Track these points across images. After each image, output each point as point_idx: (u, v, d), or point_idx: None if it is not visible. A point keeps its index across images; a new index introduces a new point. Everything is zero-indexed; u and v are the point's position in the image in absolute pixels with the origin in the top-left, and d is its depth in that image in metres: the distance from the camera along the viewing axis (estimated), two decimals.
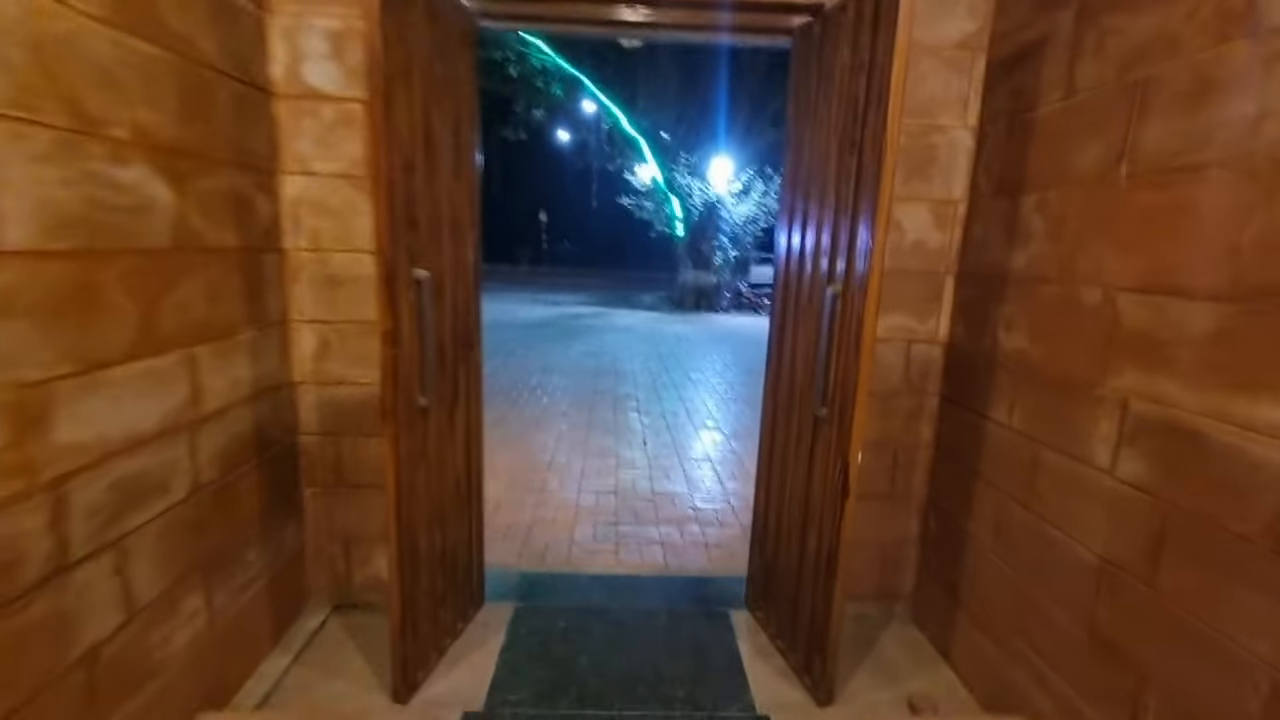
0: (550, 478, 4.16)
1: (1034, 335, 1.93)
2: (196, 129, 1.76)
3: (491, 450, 4.59)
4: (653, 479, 4.22)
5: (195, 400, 1.78)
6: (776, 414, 2.38)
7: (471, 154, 2.21)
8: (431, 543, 2.14)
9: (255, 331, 2.08)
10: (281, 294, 2.24)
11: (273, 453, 2.22)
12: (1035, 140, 1.97)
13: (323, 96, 2.17)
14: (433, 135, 1.95)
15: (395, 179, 1.76)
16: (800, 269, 2.20)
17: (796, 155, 2.22)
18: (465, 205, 2.19)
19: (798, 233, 2.21)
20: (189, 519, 1.78)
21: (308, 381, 2.35)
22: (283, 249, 2.23)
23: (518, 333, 11.27)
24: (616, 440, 5.09)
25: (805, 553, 2.18)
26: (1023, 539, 1.94)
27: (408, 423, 1.92)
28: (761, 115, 15.86)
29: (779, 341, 2.36)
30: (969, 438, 2.26)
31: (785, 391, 2.31)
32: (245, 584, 2.07)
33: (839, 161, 1.95)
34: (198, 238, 1.77)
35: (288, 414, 2.31)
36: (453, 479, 2.26)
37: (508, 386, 6.88)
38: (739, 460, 4.72)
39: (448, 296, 2.11)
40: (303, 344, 2.32)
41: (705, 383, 7.67)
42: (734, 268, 17.38)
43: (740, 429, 5.60)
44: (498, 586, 2.69)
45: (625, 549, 3.18)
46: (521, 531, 3.33)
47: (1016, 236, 2.03)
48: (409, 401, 1.92)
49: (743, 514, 3.67)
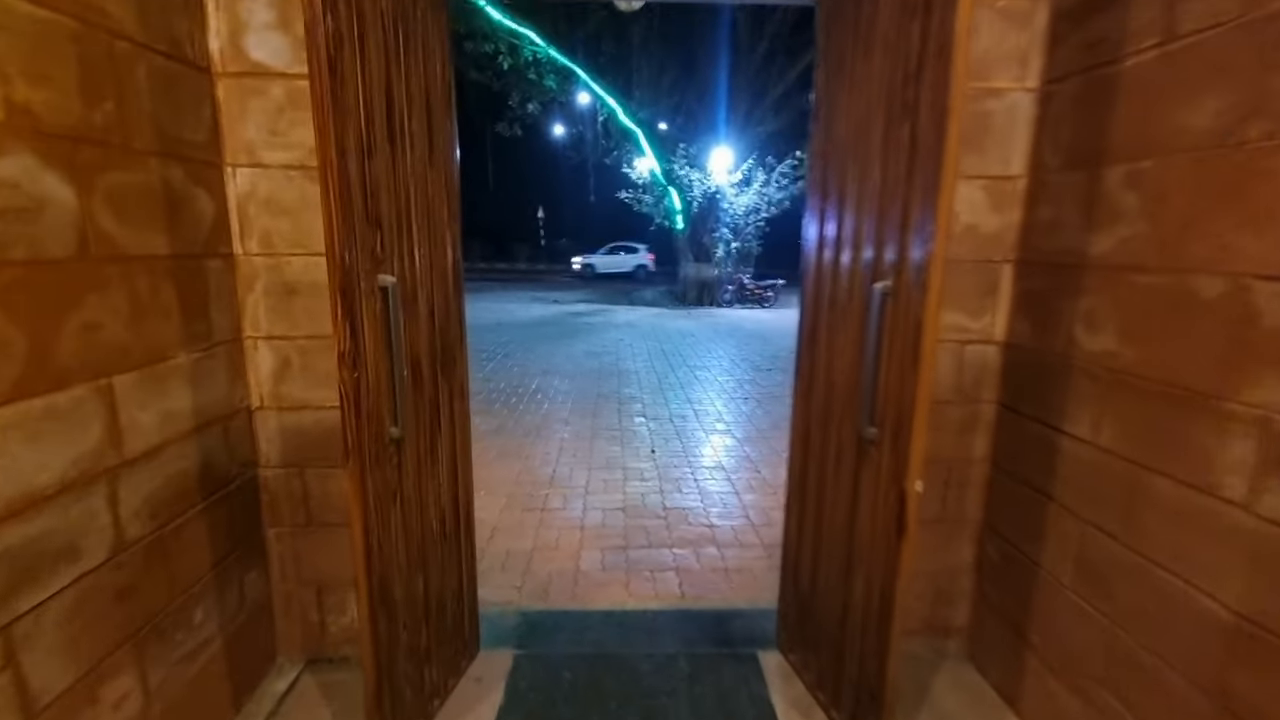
0: (553, 494, 3.84)
1: (1127, 335, 1.60)
2: (105, 111, 1.44)
3: (488, 464, 4.28)
4: (663, 492, 3.90)
5: (114, 441, 1.46)
6: (809, 430, 2.06)
7: (447, 137, 1.88)
8: (412, 593, 1.82)
9: (197, 353, 1.76)
10: (231, 307, 1.92)
11: (226, 491, 1.90)
12: (1120, 100, 1.63)
13: (270, 73, 1.84)
14: (397, 114, 1.63)
15: (347, 165, 1.44)
16: (836, 261, 1.87)
17: (828, 127, 1.89)
18: (441, 197, 1.87)
19: (832, 219, 1.88)
20: (111, 586, 1.46)
21: (267, 406, 2.03)
22: (231, 254, 1.91)
23: (516, 333, 10.95)
24: (623, 448, 4.77)
25: (851, 594, 1.86)
26: (1119, 580, 1.62)
27: (376, 459, 1.60)
28: (761, 103, 15.48)
29: (810, 346, 2.04)
30: (1036, 454, 1.93)
31: (820, 405, 1.98)
32: (193, 651, 1.76)
33: (886, 130, 1.62)
34: (111, 244, 1.45)
35: (243, 445, 1.99)
36: (436, 517, 1.94)
37: (506, 391, 6.57)
38: (754, 467, 4.40)
39: (422, 305, 1.79)
40: (259, 364, 2.00)
41: (712, 381, 7.34)
42: (736, 260, 17.02)
43: (753, 432, 5.28)
44: (495, 630, 2.38)
45: (637, 578, 2.87)
46: (522, 560, 3.01)
47: (1098, 217, 1.69)
48: (377, 434, 1.60)
49: (764, 531, 3.35)
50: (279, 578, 2.15)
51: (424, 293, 1.79)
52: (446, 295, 1.93)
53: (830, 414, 1.92)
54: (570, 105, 16.13)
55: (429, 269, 1.81)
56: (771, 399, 6.46)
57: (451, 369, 1.98)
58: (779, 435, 5.15)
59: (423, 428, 1.83)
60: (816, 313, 1.99)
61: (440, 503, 1.96)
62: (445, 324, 1.92)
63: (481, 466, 4.22)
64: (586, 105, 16.02)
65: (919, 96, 1.49)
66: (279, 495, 2.09)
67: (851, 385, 1.80)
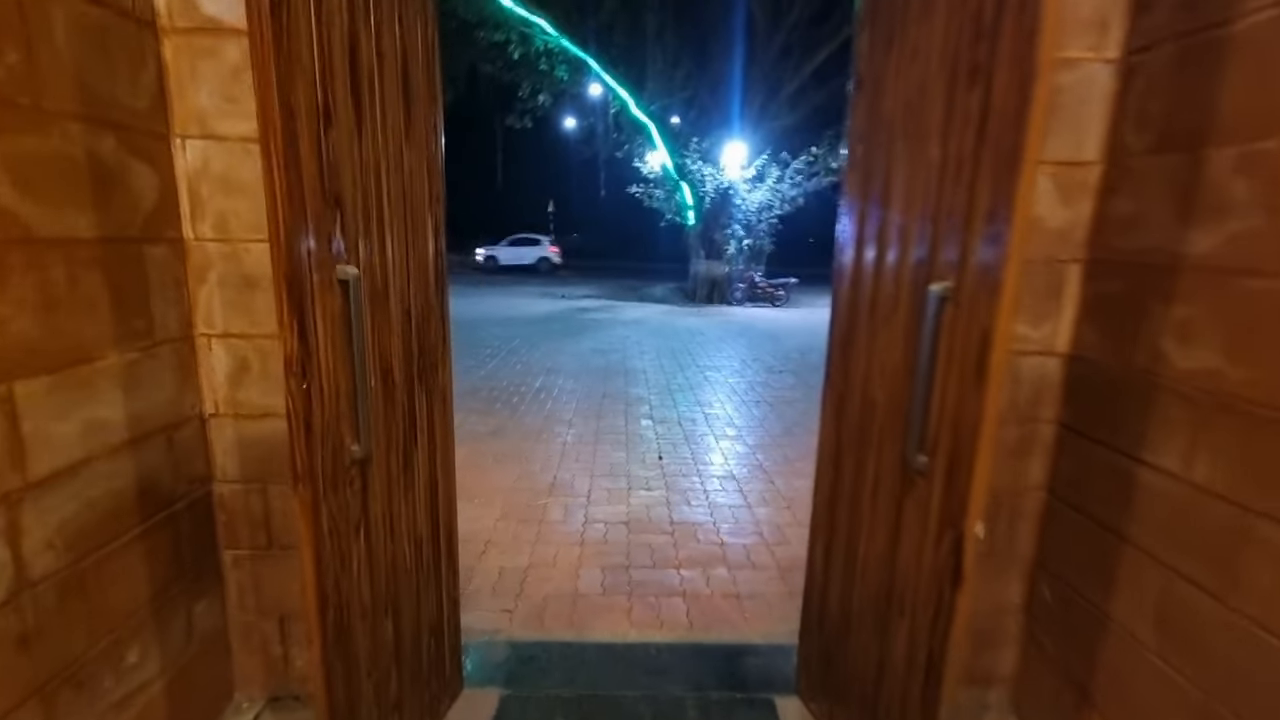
0: (552, 504, 3.59)
1: (1235, 351, 1.32)
2: (7, 64, 1.19)
3: (485, 469, 4.04)
4: (670, 504, 3.64)
5: (13, 460, 1.22)
6: (840, 452, 1.79)
7: (428, 108, 1.63)
8: (379, 637, 1.58)
9: (135, 353, 1.52)
10: (180, 300, 1.67)
11: (171, 512, 1.66)
12: (1231, 69, 1.36)
13: (225, 30, 1.59)
14: (365, 76, 1.37)
15: (296, 131, 1.18)
16: (880, 259, 1.60)
17: (872, 103, 1.62)
18: (421, 177, 1.62)
19: (875, 209, 1.61)
20: (8, 633, 1.22)
21: (223, 414, 1.78)
22: (179, 239, 1.66)
23: (522, 328, 10.72)
24: (628, 454, 4.51)
25: (890, 646, 1.60)
26: (1215, 644, 1.35)
27: (333, 483, 1.35)
28: (776, 97, 15.15)
29: (843, 355, 1.77)
30: (1106, 485, 1.66)
31: (854, 423, 1.72)
32: (126, 697, 1.52)
33: (949, 101, 1.34)
34: (10, 222, 1.21)
35: (194, 458, 1.75)
36: (412, 545, 1.70)
37: (508, 389, 6.33)
38: (767, 477, 4.14)
39: (395, 302, 1.54)
40: (214, 365, 1.75)
41: (723, 382, 7.07)
42: (748, 257, 16.70)
43: (765, 438, 5.01)
44: (481, 665, 2.13)
45: (640, 603, 2.61)
46: (515, 580, 2.77)
47: (1198, 209, 1.42)
48: (334, 453, 1.35)
49: (778, 550, 3.09)
50: (237, 607, 1.90)
51: (398, 288, 1.54)
52: (426, 291, 1.67)
53: (868, 435, 1.66)
54: (582, 97, 15.86)
55: (405, 261, 1.56)
56: (784, 403, 6.19)
57: (432, 375, 1.73)
58: (792, 442, 4.88)
59: (395, 444, 1.58)
60: (852, 318, 1.72)
61: (416, 529, 1.71)
62: (424, 324, 1.67)
63: (477, 472, 3.98)
64: (598, 97, 15.73)
65: (994, 56, 1.22)
66: (237, 514, 1.85)
67: (896, 404, 1.53)
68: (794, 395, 6.52)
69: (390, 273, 1.50)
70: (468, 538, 3.12)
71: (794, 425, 5.37)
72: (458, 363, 7.56)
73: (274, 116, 1.13)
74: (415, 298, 1.63)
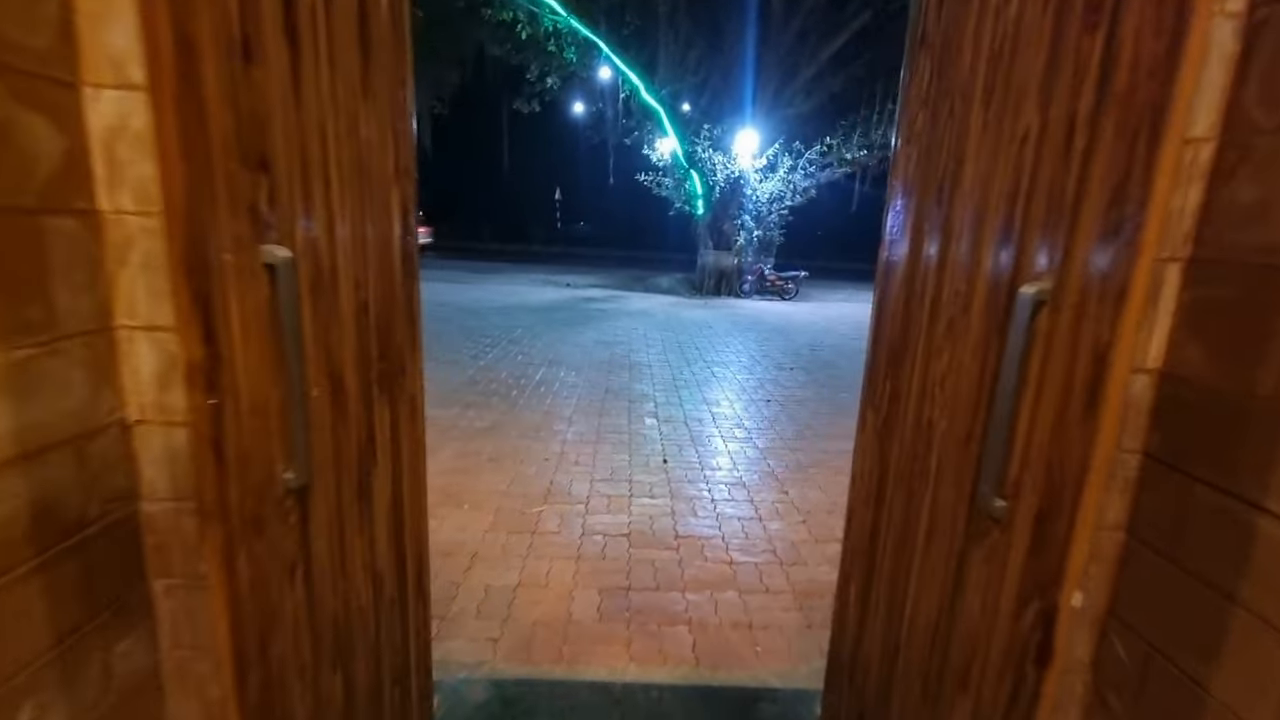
0: (548, 512, 3.32)
1: None
2: None
3: (477, 470, 3.77)
4: (675, 514, 3.37)
5: None
6: (885, 480, 1.51)
7: (396, 56, 1.33)
8: (323, 692, 1.31)
9: (30, 348, 1.23)
10: (94, 285, 1.39)
11: (82, 537, 1.38)
12: None
13: None
14: (305, 6, 1.08)
15: (199, 68, 0.90)
16: (945, 251, 1.30)
17: (942, 58, 1.32)
18: (383, 141, 1.32)
19: (940, 191, 1.32)
20: None
21: (149, 421, 1.50)
22: (93, 211, 1.37)
23: (525, 317, 10.43)
24: (631, 456, 4.24)
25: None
26: None
27: (256, 521, 1.08)
28: (791, 84, 14.73)
29: (893, 367, 1.48)
30: (1210, 532, 1.37)
31: (904, 451, 1.43)
32: None
33: (1054, 49, 1.04)
34: None
35: (114, 474, 1.46)
36: (369, 584, 1.42)
37: (507, 382, 6.05)
38: (778, 485, 3.85)
39: (346, 293, 1.25)
40: (138, 364, 1.47)
41: (731, 379, 6.78)
42: (757, 249, 16.34)
43: (776, 441, 4.72)
44: (458, 707, 1.87)
45: (640, 633, 2.34)
46: (503, 601, 2.50)
47: None
48: (262, 483, 1.07)
49: (793, 572, 2.82)
50: (170, 643, 1.63)
51: (350, 275, 1.26)
52: (390, 281, 1.39)
53: (922, 467, 1.37)
54: (591, 81, 15.45)
55: (361, 242, 1.28)
56: (795, 402, 5.90)
57: (396, 382, 1.44)
58: (805, 446, 4.60)
59: (347, 466, 1.30)
60: (904, 324, 1.43)
61: (376, 564, 1.44)
62: (387, 320, 1.39)
63: (469, 474, 3.71)
64: (607, 81, 15.32)
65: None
66: (169, 537, 1.57)
67: (963, 431, 1.24)
68: (805, 394, 6.23)
69: (340, 257, 1.22)
70: (453, 549, 2.86)
71: (806, 428, 5.08)
72: (456, 352, 7.31)
73: (163, 43, 0.84)
74: (375, 289, 1.34)
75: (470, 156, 27.89)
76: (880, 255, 1.52)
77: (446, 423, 4.62)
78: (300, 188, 1.10)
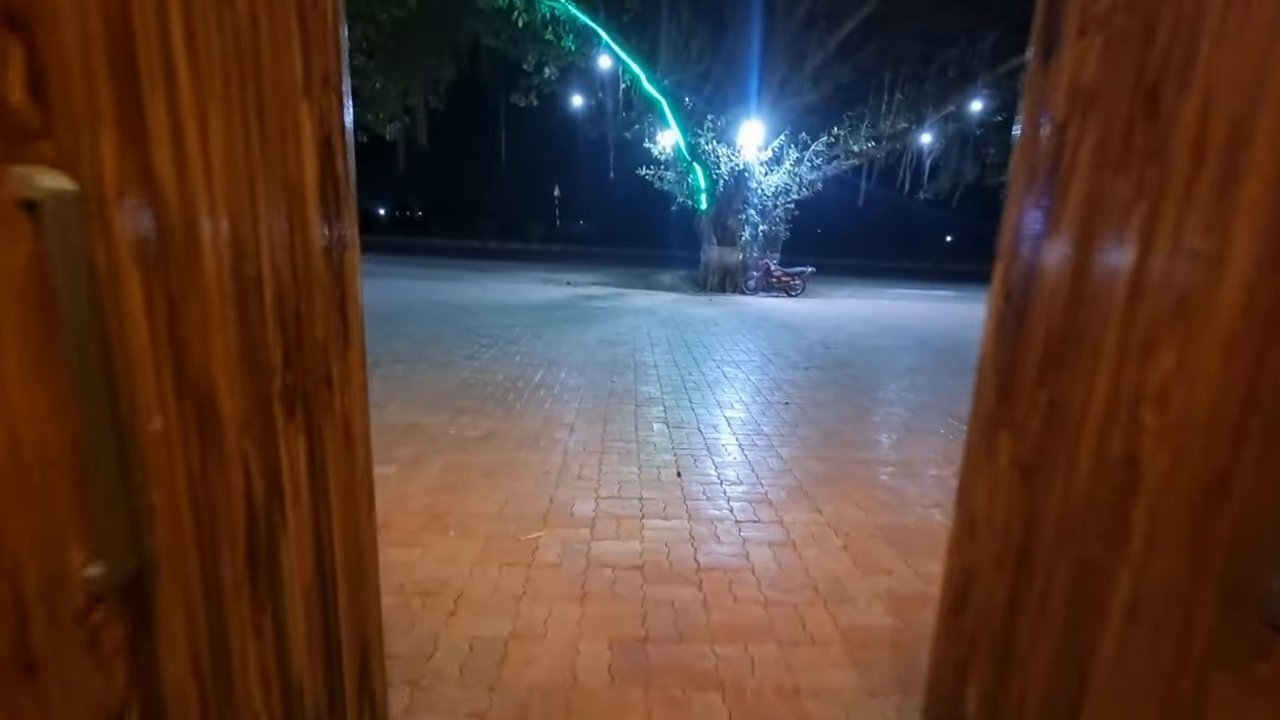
0: (547, 539, 2.85)
1: None
2: None
3: (467, 487, 3.30)
4: (695, 540, 2.90)
5: None
6: (1035, 540, 1.04)
7: None
8: None
9: None
10: None
11: None
12: None
13: None
14: None
15: None
16: (1161, 180, 0.83)
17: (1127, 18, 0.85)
18: (287, 33, 0.86)
19: (1156, 89, 0.85)
20: None
21: None
22: None
23: (524, 316, 9.96)
24: (640, 469, 3.77)
25: None
26: None
27: (22, 654, 0.61)
28: (798, 73, 14.26)
29: (1052, 367, 1.01)
30: None
31: (1079, 496, 0.96)
32: None
33: None
34: None
35: None
36: (275, 702, 0.95)
37: (504, 385, 5.58)
38: (809, 502, 3.39)
39: (226, 266, 0.78)
40: None
41: (744, 380, 6.32)
42: (762, 244, 15.87)
43: (800, 449, 4.25)
44: None
45: (662, 701, 1.88)
46: (492, 657, 2.03)
47: None
48: (34, 590, 0.61)
49: (841, 613, 2.35)
50: None
51: (235, 241, 0.79)
52: (307, 252, 0.92)
53: (1113, 522, 0.90)
54: (589, 71, 14.96)
55: (247, 180, 0.81)
56: (815, 405, 5.43)
57: (323, 399, 0.98)
58: (833, 455, 4.13)
59: (226, 533, 0.83)
60: (1074, 301, 0.96)
61: (289, 671, 0.97)
62: (303, 308, 0.92)
63: (458, 493, 3.24)
64: (607, 71, 14.83)
65: None
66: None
67: (1212, 473, 0.77)
68: (825, 396, 5.76)
69: (203, 203, 0.75)
70: (434, 589, 2.39)
71: (831, 433, 4.61)
72: (452, 353, 6.82)
73: None
74: (283, 262, 0.87)
75: (467, 153, 27.41)
76: (1013, 193, 1.06)
77: (435, 431, 4.16)
78: (107, 74, 0.63)
